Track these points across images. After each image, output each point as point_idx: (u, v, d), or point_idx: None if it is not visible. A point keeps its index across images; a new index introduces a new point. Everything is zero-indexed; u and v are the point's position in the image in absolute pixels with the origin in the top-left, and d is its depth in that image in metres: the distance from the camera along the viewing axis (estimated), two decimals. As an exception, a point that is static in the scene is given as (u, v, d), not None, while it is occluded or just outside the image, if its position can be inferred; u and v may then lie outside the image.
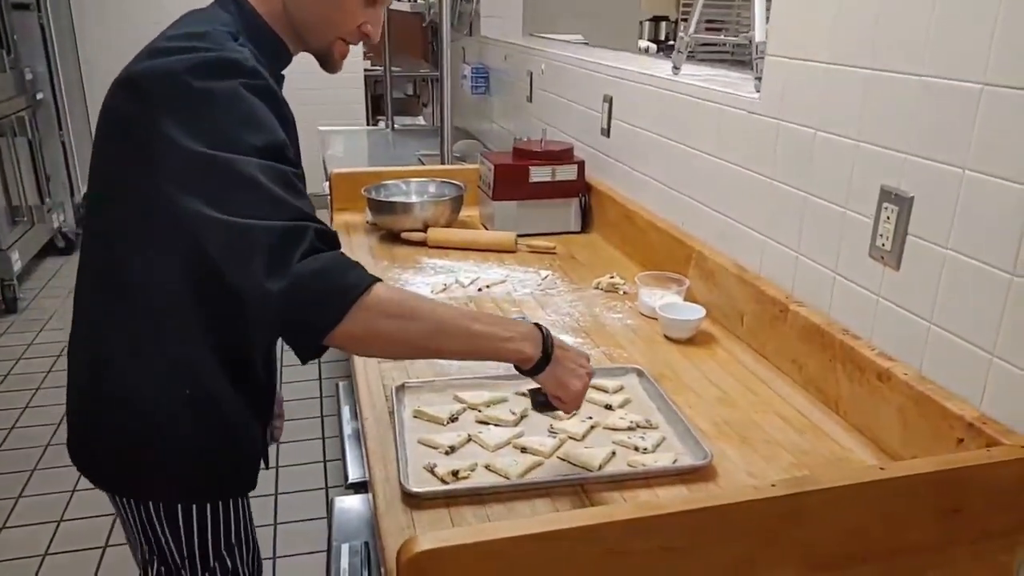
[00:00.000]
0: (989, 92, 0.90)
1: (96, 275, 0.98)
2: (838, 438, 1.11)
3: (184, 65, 0.84)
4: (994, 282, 0.91)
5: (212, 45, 0.87)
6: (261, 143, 0.83)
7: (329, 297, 0.78)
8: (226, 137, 0.82)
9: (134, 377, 0.98)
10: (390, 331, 0.81)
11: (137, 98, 0.86)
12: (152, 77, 0.85)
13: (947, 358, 0.99)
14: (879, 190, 1.08)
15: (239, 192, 0.80)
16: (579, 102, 2.21)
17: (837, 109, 1.16)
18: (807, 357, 1.22)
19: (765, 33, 1.38)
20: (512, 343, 0.88)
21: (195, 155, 0.81)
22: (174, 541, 1.05)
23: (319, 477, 2.40)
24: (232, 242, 0.80)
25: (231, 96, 0.84)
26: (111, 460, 1.04)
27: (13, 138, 3.74)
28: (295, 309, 0.78)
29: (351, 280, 0.80)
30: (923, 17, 0.99)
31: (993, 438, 0.89)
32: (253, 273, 0.77)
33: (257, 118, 0.85)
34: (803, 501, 0.79)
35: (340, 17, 0.99)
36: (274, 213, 0.80)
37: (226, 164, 0.81)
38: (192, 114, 0.83)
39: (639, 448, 1.05)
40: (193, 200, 0.81)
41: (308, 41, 1.02)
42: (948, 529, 0.85)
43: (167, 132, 0.82)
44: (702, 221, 1.58)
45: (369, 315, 0.79)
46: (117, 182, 0.92)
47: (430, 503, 0.94)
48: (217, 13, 0.97)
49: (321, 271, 0.78)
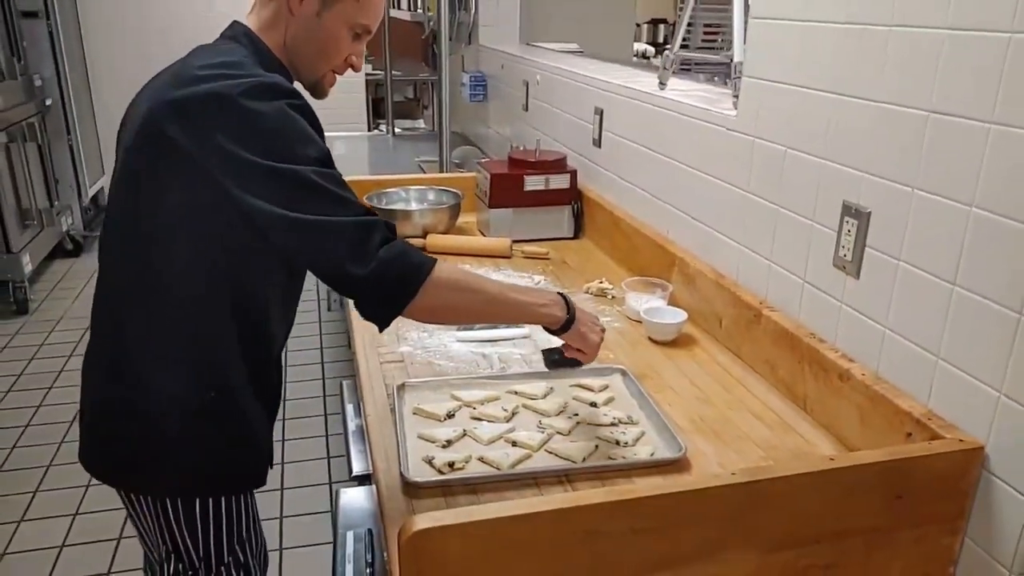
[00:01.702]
0: (935, 119, 1.00)
1: (126, 285, 1.05)
2: (804, 433, 1.21)
3: (233, 89, 0.94)
4: (939, 291, 1.01)
5: (250, 72, 0.98)
6: (314, 154, 0.96)
7: (406, 277, 0.96)
8: (283, 151, 0.94)
9: (164, 381, 1.05)
10: (453, 302, 1.01)
11: (187, 119, 0.94)
12: (203, 100, 0.94)
13: (899, 360, 1.09)
14: (841, 205, 1.18)
15: (306, 195, 0.93)
16: (572, 113, 2.31)
17: (805, 129, 1.25)
18: (778, 358, 1.32)
19: (743, 54, 1.47)
20: (547, 308, 1.09)
21: (259, 166, 0.92)
22: (191, 537, 1.12)
23: (323, 472, 2.50)
24: (310, 237, 0.93)
25: (281, 115, 0.96)
26: (133, 460, 1.10)
27: (24, 143, 3.84)
28: (380, 288, 0.95)
29: (419, 261, 0.97)
30: (877, 50, 1.08)
31: (936, 432, 0.99)
32: (340, 262, 0.93)
33: (306, 133, 0.97)
34: (761, 488, 0.88)
35: (332, 52, 1.10)
36: (343, 211, 0.94)
37: (290, 173, 0.93)
38: (247, 131, 0.93)
39: (620, 442, 1.15)
40: (265, 204, 0.92)
41: (301, 73, 1.12)
42: (893, 514, 0.95)
43: (225, 147, 0.92)
44: (685, 230, 1.67)
45: (437, 290, 0.98)
46: (159, 197, 0.99)
47: (428, 492, 1.04)
48: (233, 47, 1.07)
49: (399, 255, 0.95)
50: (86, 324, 1.13)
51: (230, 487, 1.14)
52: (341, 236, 0.93)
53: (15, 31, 3.90)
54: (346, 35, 1.10)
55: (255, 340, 1.10)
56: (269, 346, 1.15)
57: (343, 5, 1.07)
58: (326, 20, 1.07)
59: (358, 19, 1.09)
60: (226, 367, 1.07)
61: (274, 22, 1.09)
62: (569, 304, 1.11)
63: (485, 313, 1.07)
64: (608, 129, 2.06)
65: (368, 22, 1.11)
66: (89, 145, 4.72)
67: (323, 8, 1.07)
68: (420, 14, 3.89)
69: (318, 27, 1.08)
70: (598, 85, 2.10)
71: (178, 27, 5.04)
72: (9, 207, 3.61)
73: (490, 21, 3.42)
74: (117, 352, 1.07)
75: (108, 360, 1.09)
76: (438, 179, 2.42)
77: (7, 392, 2.95)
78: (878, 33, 1.08)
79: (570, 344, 1.14)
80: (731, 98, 1.55)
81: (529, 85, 2.71)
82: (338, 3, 1.07)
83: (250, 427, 1.14)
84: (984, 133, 0.92)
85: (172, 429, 1.07)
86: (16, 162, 3.74)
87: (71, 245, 4.44)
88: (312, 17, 1.07)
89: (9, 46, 3.83)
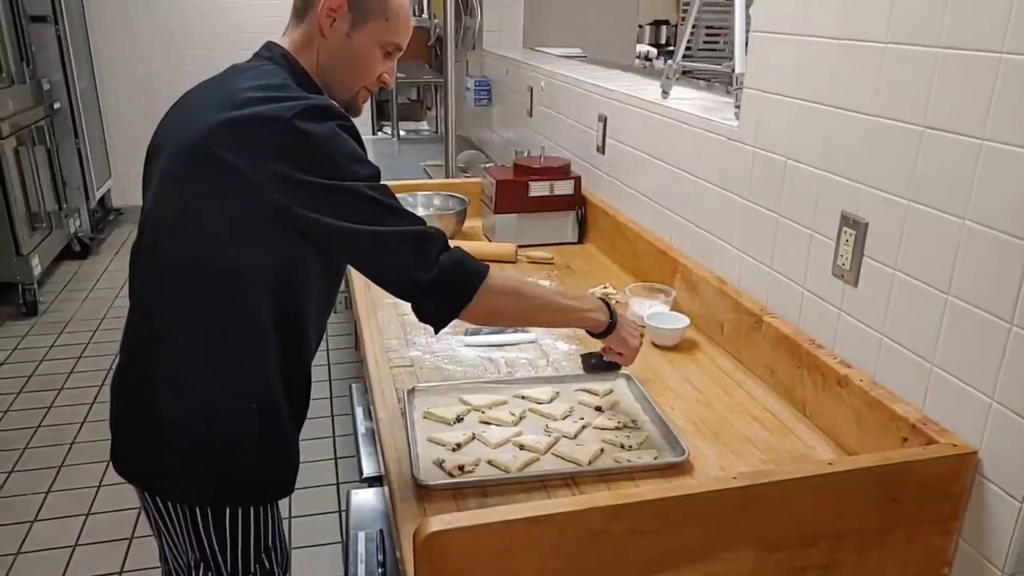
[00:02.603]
0: (929, 134, 1.03)
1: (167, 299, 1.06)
2: (803, 436, 1.24)
3: (287, 111, 0.98)
4: (934, 300, 1.04)
5: (299, 94, 1.02)
6: (366, 172, 1.01)
7: (464, 283, 1.03)
8: (339, 170, 0.99)
9: (205, 391, 1.07)
10: (504, 307, 1.09)
11: (241, 141, 0.97)
12: (258, 122, 0.98)
13: (896, 366, 1.12)
14: (839, 215, 1.21)
15: (367, 208, 0.99)
16: (576, 119, 2.34)
17: (804, 141, 1.29)
18: (778, 364, 1.35)
19: (744, 64, 1.50)
20: (592, 313, 1.17)
21: (316, 185, 0.97)
22: (219, 545, 1.14)
23: (331, 473, 2.54)
24: (376, 247, 1.00)
25: (333, 136, 1.00)
26: (168, 468, 1.10)
27: (32, 147, 3.88)
28: (440, 293, 1.02)
29: (476, 268, 1.05)
30: (874, 67, 1.12)
31: (931, 437, 1.02)
32: (405, 269, 1.01)
33: (357, 152, 1.03)
34: (759, 491, 0.92)
35: (364, 70, 1.14)
36: (401, 221, 1.01)
37: (348, 189, 0.98)
38: (304, 152, 0.98)
39: (624, 446, 1.19)
40: (324, 218, 0.98)
41: (335, 92, 1.14)
42: (888, 516, 0.98)
43: (281, 168, 0.97)
44: (687, 236, 1.71)
45: (491, 296, 1.05)
46: (207, 216, 1.01)
47: (439, 494, 1.08)
48: (276, 69, 1.09)
49: (457, 262, 1.04)
50: (95, 325, 1.16)
51: (261, 497, 1.16)
52: (404, 245, 1.00)
53: (24, 35, 3.94)
54: (377, 53, 1.13)
55: (292, 353, 1.12)
56: (304, 359, 1.17)
57: (373, 25, 1.10)
58: (357, 40, 1.10)
59: (388, 37, 1.12)
60: (266, 379, 1.09)
61: (306, 43, 1.12)
62: (612, 309, 1.19)
63: (535, 317, 1.15)
64: (612, 136, 2.09)
65: (398, 40, 1.14)
66: (96, 148, 4.76)
67: (353, 29, 1.10)
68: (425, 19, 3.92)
69: (349, 47, 1.11)
70: (602, 92, 2.13)
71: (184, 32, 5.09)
72: (18, 210, 3.65)
73: (495, 26, 3.46)
74: (155, 362, 1.08)
75: (143, 371, 1.10)
76: (444, 184, 2.45)
77: (18, 393, 2.99)
78: (874, 50, 1.11)
79: (611, 348, 1.23)
80: (732, 108, 1.59)
81: (534, 91, 2.74)
82: (368, 23, 1.10)
83: (284, 438, 1.15)
84: (977, 149, 0.96)
85: (212, 440, 1.08)
86: (25, 165, 3.78)
87: (79, 247, 4.49)
88: (343, 37, 1.10)
89: (18, 50, 3.87)
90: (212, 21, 5.10)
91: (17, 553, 2.16)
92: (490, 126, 3.49)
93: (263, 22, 5.08)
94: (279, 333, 1.09)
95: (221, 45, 5.03)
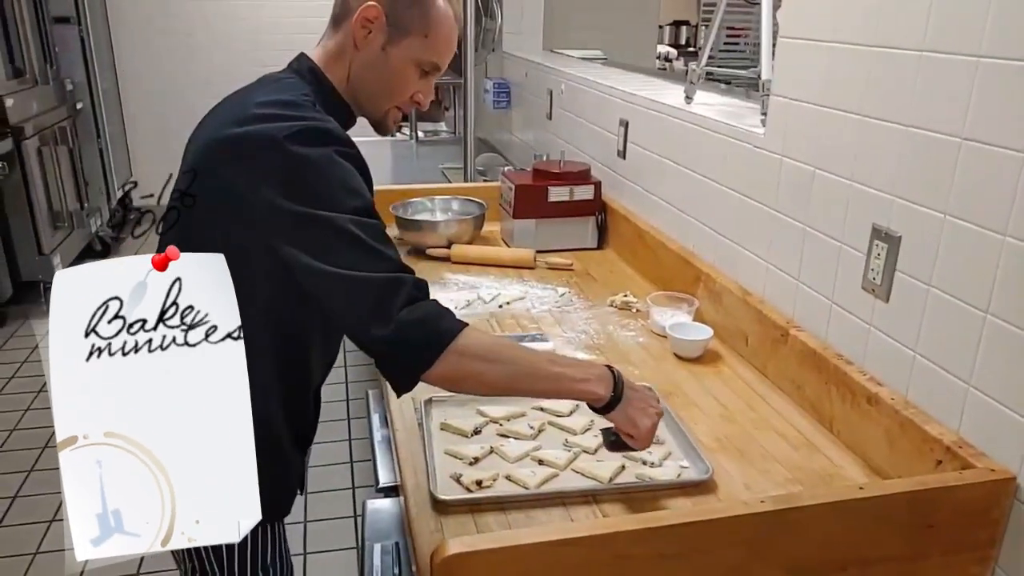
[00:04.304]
0: (968, 146, 0.99)
1: None
2: (831, 455, 1.21)
3: (284, 132, 0.91)
4: (971, 318, 1.00)
5: (305, 114, 0.95)
6: (356, 203, 0.92)
7: (426, 343, 0.89)
8: (324, 198, 0.91)
9: None
10: (477, 372, 0.93)
11: (239, 161, 0.93)
12: (254, 141, 0.92)
13: (930, 386, 1.08)
14: (871, 228, 1.17)
15: (341, 246, 0.90)
16: (596, 123, 2.31)
17: (834, 150, 1.25)
18: (804, 379, 1.32)
19: (771, 71, 1.47)
20: (586, 384, 0.99)
21: (297, 214, 0.90)
22: (216, 560, 1.13)
23: (346, 477, 2.53)
24: (338, 290, 0.90)
25: (327, 162, 0.92)
26: None
27: (55, 147, 3.91)
28: (397, 352, 0.90)
29: (444, 327, 0.91)
30: (908, 75, 1.08)
31: (967, 461, 0.99)
32: (361, 319, 0.89)
33: (349, 182, 0.94)
34: (788, 516, 0.89)
35: (399, 88, 1.08)
36: (375, 265, 0.90)
37: (327, 221, 0.89)
38: (291, 176, 0.91)
39: (646, 462, 1.16)
40: (298, 253, 0.90)
41: (365, 109, 1.10)
42: (922, 543, 0.95)
43: (267, 194, 0.90)
44: (710, 244, 1.67)
45: (460, 359, 0.91)
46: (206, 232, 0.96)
47: (456, 509, 1.06)
48: (297, 83, 1.05)
49: (421, 320, 0.90)
50: (116, 325, 1.14)
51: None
52: (366, 292, 0.89)
53: (47, 36, 3.97)
54: (413, 72, 1.07)
55: (293, 375, 1.10)
56: (307, 381, 1.14)
57: (410, 41, 1.04)
58: (392, 56, 1.05)
59: (427, 56, 1.06)
60: (264, 407, 1.07)
61: (339, 55, 1.07)
62: (617, 380, 1.01)
63: (518, 386, 0.99)
64: (633, 141, 2.06)
65: (437, 59, 1.08)
66: (117, 148, 4.80)
67: (389, 43, 1.04)
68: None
69: (384, 62, 1.05)
70: (623, 96, 2.10)
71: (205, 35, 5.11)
72: (41, 209, 3.69)
73: (514, 28, 3.44)
74: None
75: None
76: (462, 189, 2.43)
77: (39, 392, 3.01)
78: (908, 57, 1.08)
79: (617, 426, 1.04)
80: (758, 114, 1.56)
81: (553, 94, 2.72)
82: (405, 39, 1.04)
83: (283, 460, 1.13)
84: (1019, 163, 0.92)
85: None
86: (48, 165, 3.82)
87: (100, 246, 4.52)
88: (377, 52, 1.05)
89: (42, 51, 3.91)
90: (233, 25, 5.13)
91: (36, 553, 2.17)
92: (509, 129, 3.47)
93: (284, 26, 5.10)
94: (279, 362, 1.05)
95: (241, 49, 5.06)
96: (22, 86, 3.66)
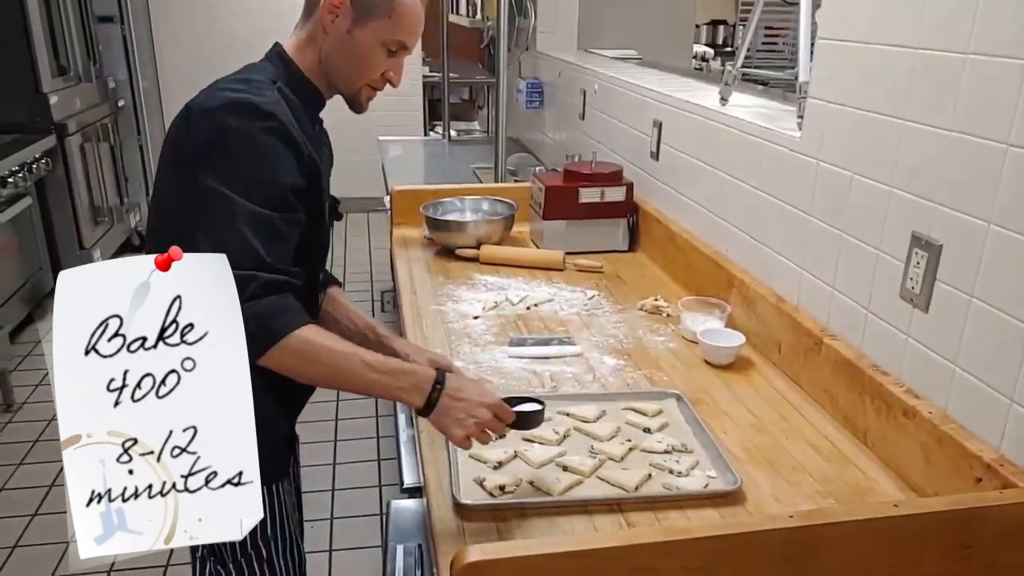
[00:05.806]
0: (1014, 153, 0.96)
1: None
2: (864, 468, 1.17)
3: (216, 102, 1.02)
4: (1014, 332, 0.97)
5: (246, 88, 1.04)
6: (261, 177, 1.00)
7: (255, 337, 0.89)
8: (234, 174, 0.99)
9: None
10: (298, 372, 1.03)
11: (185, 127, 1.04)
12: (195, 109, 1.03)
13: (970, 400, 1.04)
14: (910, 236, 1.14)
15: (223, 232, 0.98)
16: (629, 124, 2.29)
17: (873, 155, 1.22)
18: (838, 389, 1.28)
19: (809, 73, 1.43)
20: (401, 392, 1.06)
21: (204, 188, 0.99)
22: None
23: (373, 475, 2.54)
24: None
25: (247, 137, 1.01)
26: None
27: (97, 143, 4.01)
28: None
29: (275, 326, 0.98)
30: (952, 79, 1.04)
31: (1009, 480, 0.95)
32: None
33: (266, 159, 1.02)
34: (818, 533, 0.86)
35: (366, 68, 1.15)
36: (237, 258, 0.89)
37: (222, 203, 0.98)
38: (212, 144, 1.00)
39: (673, 471, 1.14)
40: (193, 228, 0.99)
41: (338, 88, 1.17)
42: (958, 564, 0.91)
43: (193, 166, 1.00)
44: (743, 249, 1.64)
45: (282, 356, 0.99)
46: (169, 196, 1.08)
47: (479, 514, 1.05)
48: (266, 65, 1.16)
49: (255, 315, 0.92)
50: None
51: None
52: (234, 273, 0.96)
53: (91, 35, 4.07)
54: (380, 52, 1.13)
55: None
56: None
57: (376, 23, 1.11)
58: (358, 38, 1.12)
59: (392, 36, 1.13)
60: None
61: (310, 40, 1.15)
62: (434, 390, 1.03)
63: (336, 387, 1.09)
64: (667, 142, 2.03)
65: (403, 38, 1.14)
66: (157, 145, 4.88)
67: (354, 26, 1.11)
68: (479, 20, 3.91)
69: (351, 44, 1.12)
70: (657, 97, 2.07)
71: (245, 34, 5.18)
72: (82, 204, 3.78)
73: (548, 28, 3.42)
74: None
75: None
76: (493, 189, 2.43)
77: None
78: (953, 60, 1.04)
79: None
80: (794, 117, 1.52)
81: (586, 94, 2.69)
82: (371, 21, 1.11)
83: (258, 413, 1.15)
84: (1069, 170, 0.88)
85: None
86: (90, 161, 3.91)
87: (138, 241, 4.62)
88: (344, 34, 1.12)
89: (86, 50, 4.00)
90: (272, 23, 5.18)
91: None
92: (542, 129, 3.45)
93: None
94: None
95: (279, 45, 5.11)
96: (66, 84, 3.76)
